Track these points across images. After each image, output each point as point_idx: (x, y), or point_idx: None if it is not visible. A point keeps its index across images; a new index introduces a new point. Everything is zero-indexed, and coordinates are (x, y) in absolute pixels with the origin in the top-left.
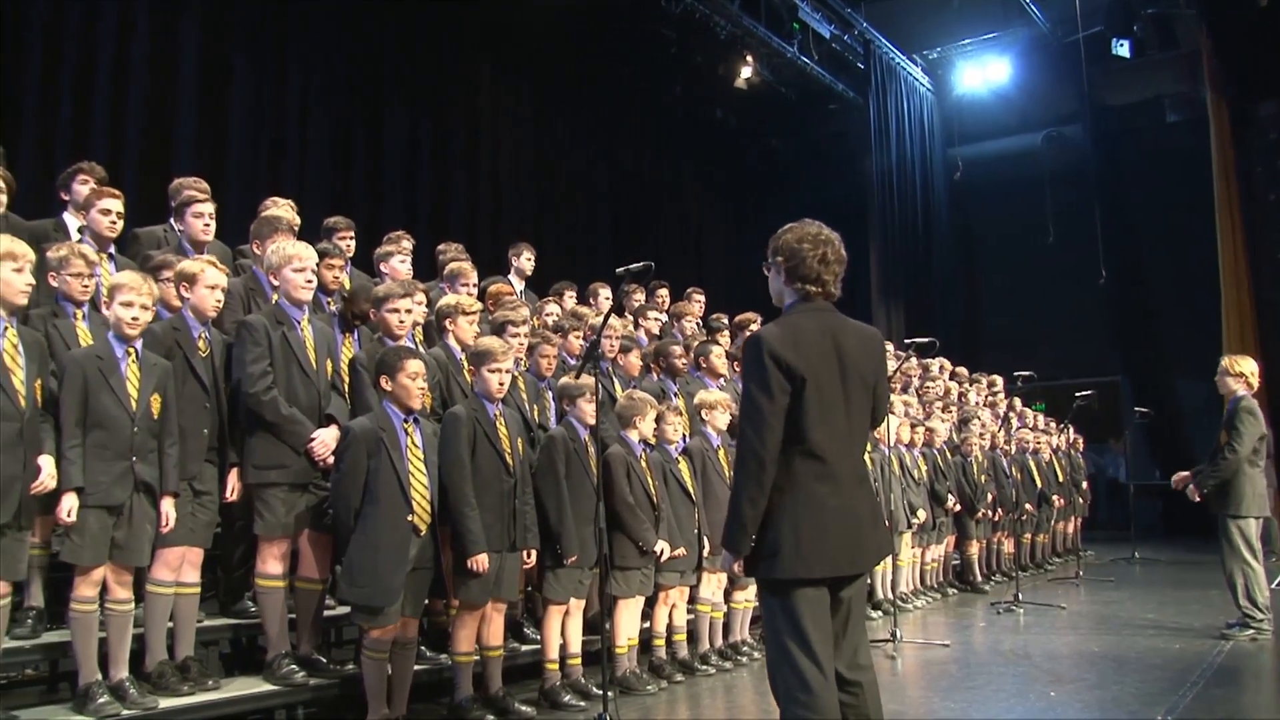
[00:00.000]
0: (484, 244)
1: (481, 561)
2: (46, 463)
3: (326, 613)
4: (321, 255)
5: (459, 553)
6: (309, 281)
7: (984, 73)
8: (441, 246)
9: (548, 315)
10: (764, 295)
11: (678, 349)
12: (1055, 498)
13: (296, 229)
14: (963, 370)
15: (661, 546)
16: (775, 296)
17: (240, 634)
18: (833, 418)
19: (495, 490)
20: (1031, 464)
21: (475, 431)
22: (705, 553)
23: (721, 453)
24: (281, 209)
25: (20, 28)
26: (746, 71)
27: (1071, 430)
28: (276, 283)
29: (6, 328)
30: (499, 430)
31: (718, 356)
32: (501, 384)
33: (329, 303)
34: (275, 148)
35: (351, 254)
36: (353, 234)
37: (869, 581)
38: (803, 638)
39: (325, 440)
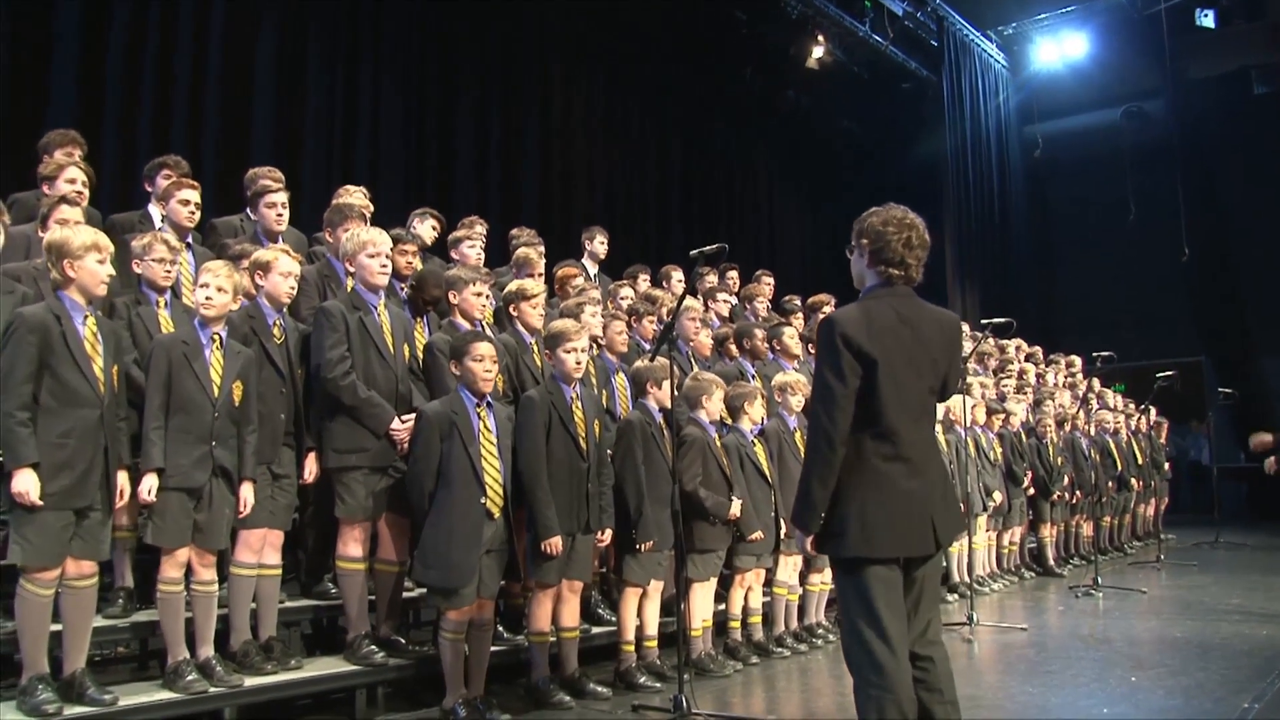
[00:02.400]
0: (558, 229)
1: (555, 544)
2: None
3: (405, 595)
4: (395, 241)
5: (533, 536)
6: (384, 267)
7: (1061, 47)
8: (514, 231)
9: (622, 299)
10: (837, 277)
11: (759, 331)
12: (1134, 480)
13: (369, 216)
14: (1039, 351)
15: (736, 508)
16: (856, 279)
17: (321, 615)
18: (905, 401)
19: (570, 474)
20: (1111, 446)
21: (551, 416)
22: (782, 535)
23: (798, 434)
24: (354, 196)
25: (102, 26)
26: (818, 51)
27: (1153, 412)
28: (352, 269)
29: (87, 316)
30: (575, 414)
31: (790, 338)
32: (579, 363)
33: (403, 288)
34: (348, 138)
35: (436, 239)
36: (437, 222)
37: (944, 563)
38: (874, 617)
39: (409, 426)
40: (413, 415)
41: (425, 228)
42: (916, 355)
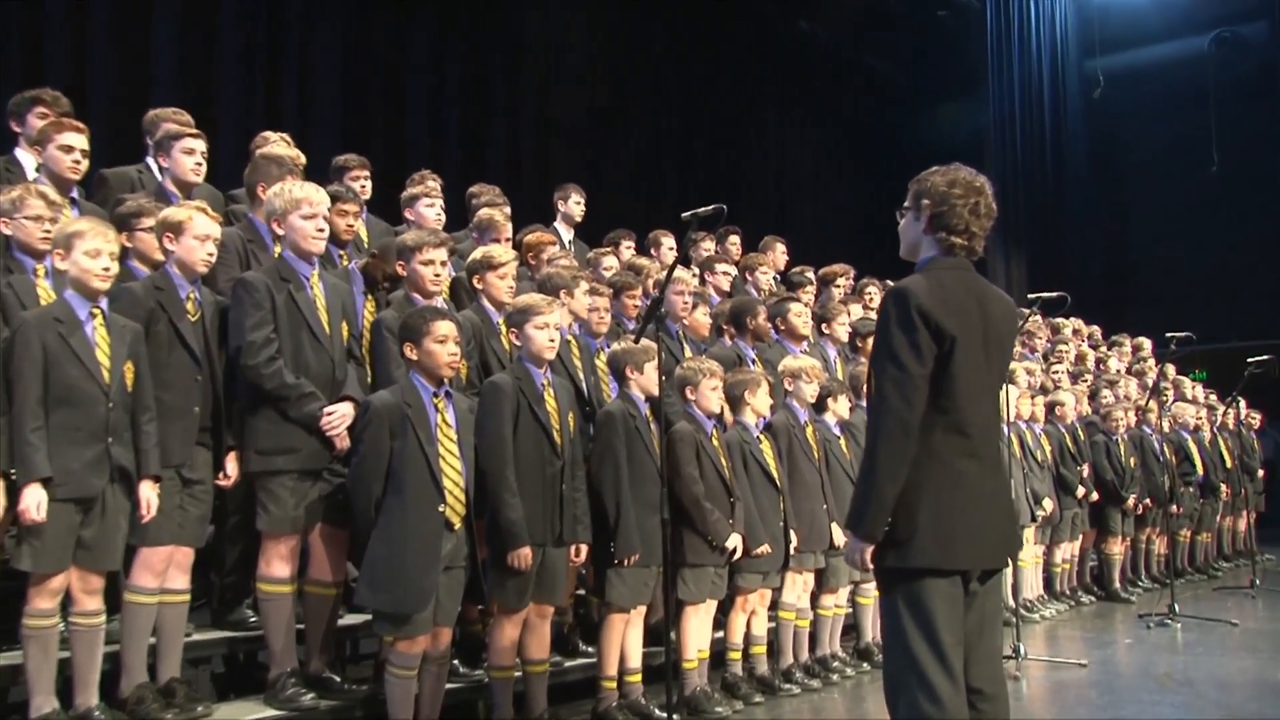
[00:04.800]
0: (528, 187)
1: (524, 556)
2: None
3: (341, 622)
4: (333, 199)
5: (497, 549)
6: (321, 230)
7: None
8: (474, 189)
9: (605, 270)
10: (856, 246)
11: (762, 308)
12: (1222, 487)
13: (301, 169)
14: (1098, 330)
15: (735, 542)
16: (908, 248)
17: (237, 649)
18: (979, 389)
19: (541, 474)
20: (1190, 445)
21: (519, 404)
22: (792, 549)
23: (810, 430)
24: (279, 145)
25: None
26: None
27: (1243, 405)
28: (281, 232)
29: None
30: (547, 403)
31: (797, 315)
32: (551, 341)
33: (341, 256)
34: (272, 72)
35: (367, 197)
36: (368, 174)
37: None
38: (934, 640)
39: (343, 414)
40: (344, 403)
41: (356, 184)
42: (987, 338)
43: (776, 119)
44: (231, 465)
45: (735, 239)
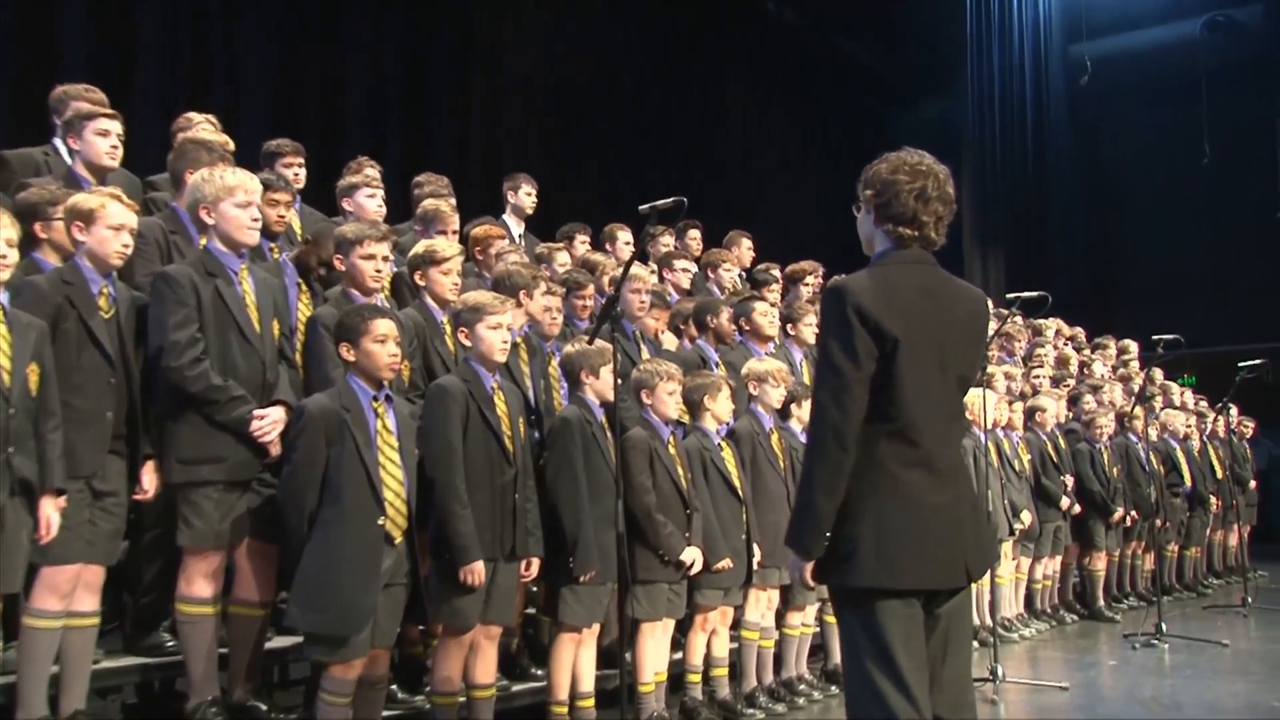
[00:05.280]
0: (474, 176)
1: (476, 572)
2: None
3: (269, 645)
4: (265, 187)
5: (444, 564)
6: (256, 220)
7: None
8: (418, 179)
9: (559, 267)
10: (825, 240)
11: (725, 308)
12: (1212, 499)
13: (229, 154)
14: (1081, 332)
15: (692, 556)
16: (865, 243)
17: (152, 676)
18: (929, 394)
19: (491, 484)
20: (1179, 454)
21: (469, 409)
22: (755, 564)
23: (775, 437)
24: (206, 129)
25: None
26: None
27: (1234, 412)
28: (212, 221)
29: None
30: (498, 407)
31: (762, 315)
32: (505, 343)
33: (272, 249)
34: (196, 48)
35: (301, 186)
36: (302, 161)
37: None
38: (890, 664)
39: (275, 419)
40: (276, 407)
41: (289, 171)
42: (943, 337)
43: (741, 106)
44: (149, 476)
45: (696, 234)
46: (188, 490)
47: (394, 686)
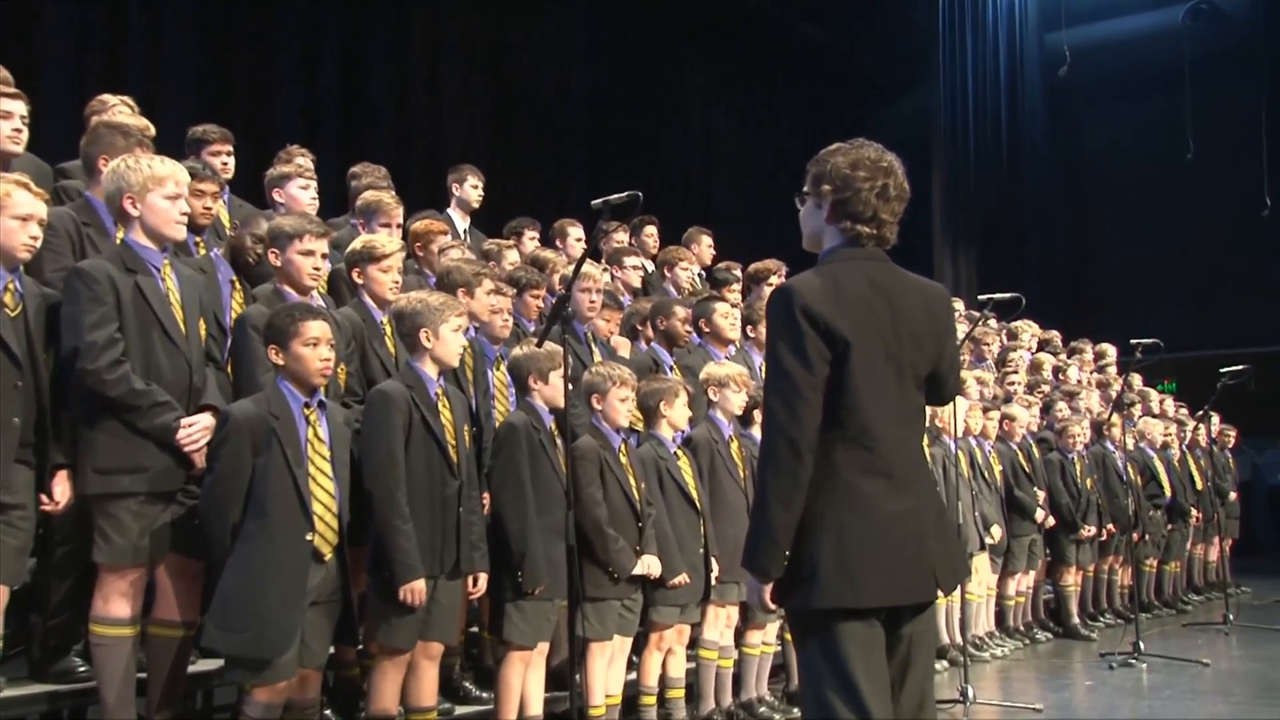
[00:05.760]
0: (416, 168)
1: (417, 590)
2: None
3: (192, 668)
4: (190, 177)
5: (381, 581)
6: (184, 213)
7: None
8: (356, 169)
9: (506, 264)
10: (790, 237)
11: (681, 309)
12: (1192, 511)
13: (150, 141)
14: (1057, 336)
15: (644, 568)
16: (810, 238)
17: (61, 704)
18: (885, 397)
19: (434, 496)
20: (1157, 464)
21: (411, 417)
22: (713, 579)
23: (735, 445)
24: (121, 112)
25: None
26: None
27: (1216, 420)
28: (136, 213)
29: None
30: (442, 415)
31: (722, 316)
32: (462, 347)
33: (198, 243)
34: (112, 24)
35: (229, 176)
36: (230, 149)
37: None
38: (850, 688)
39: (203, 426)
40: (203, 413)
41: (216, 160)
42: (898, 337)
43: (702, 95)
44: (60, 487)
45: (653, 230)
46: (105, 502)
47: (328, 711)
